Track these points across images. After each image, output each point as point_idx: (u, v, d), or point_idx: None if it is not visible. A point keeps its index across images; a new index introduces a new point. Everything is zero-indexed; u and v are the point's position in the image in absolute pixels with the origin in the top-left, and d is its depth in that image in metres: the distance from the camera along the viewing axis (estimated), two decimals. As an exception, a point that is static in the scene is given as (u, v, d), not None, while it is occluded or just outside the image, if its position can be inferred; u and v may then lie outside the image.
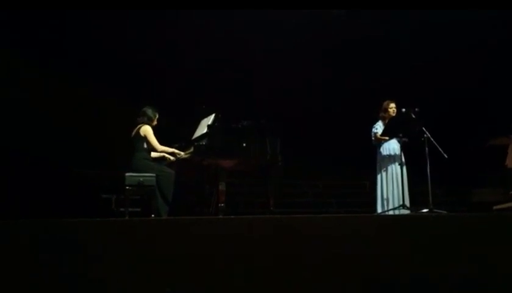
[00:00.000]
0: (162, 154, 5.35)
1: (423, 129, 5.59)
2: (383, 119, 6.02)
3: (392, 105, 6.01)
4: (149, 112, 5.37)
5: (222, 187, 5.13)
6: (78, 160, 6.75)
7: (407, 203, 5.65)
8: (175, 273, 2.85)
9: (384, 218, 4.91)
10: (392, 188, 5.83)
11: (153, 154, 5.34)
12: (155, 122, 5.39)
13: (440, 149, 5.50)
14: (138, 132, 5.27)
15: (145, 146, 5.25)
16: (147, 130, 5.25)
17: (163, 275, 2.84)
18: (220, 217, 4.90)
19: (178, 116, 6.63)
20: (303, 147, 8.09)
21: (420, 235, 3.17)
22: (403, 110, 5.69)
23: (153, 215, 4.96)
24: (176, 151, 5.38)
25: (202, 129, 5.38)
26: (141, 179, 4.97)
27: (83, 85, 7.27)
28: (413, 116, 5.63)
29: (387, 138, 5.92)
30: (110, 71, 7.41)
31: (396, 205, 5.70)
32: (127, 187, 4.93)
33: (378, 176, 5.97)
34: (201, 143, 5.16)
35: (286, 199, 7.75)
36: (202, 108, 5.67)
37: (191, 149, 5.22)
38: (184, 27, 7.83)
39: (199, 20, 7.79)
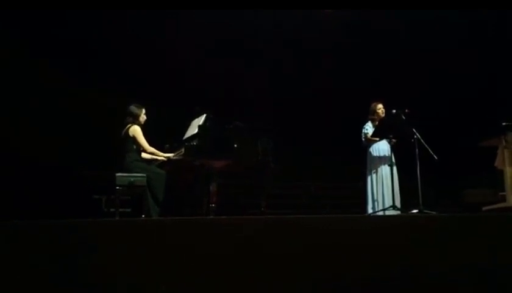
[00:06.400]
0: (153, 156, 5.33)
1: (414, 130, 5.61)
2: (373, 121, 6.04)
3: (380, 106, 6.04)
4: (133, 109, 5.30)
5: (213, 187, 5.13)
6: (70, 160, 6.71)
7: (397, 204, 5.67)
8: (166, 274, 2.84)
9: (378, 218, 4.93)
10: (382, 189, 5.85)
11: (144, 155, 5.30)
12: (142, 118, 5.31)
13: (430, 150, 5.52)
14: (126, 133, 5.22)
15: (135, 147, 5.21)
16: (135, 131, 5.20)
17: (153, 276, 2.83)
18: (212, 217, 4.89)
19: (173, 116, 6.61)
20: (296, 148, 8.09)
21: (410, 235, 3.18)
22: (394, 111, 5.71)
23: (144, 216, 4.95)
24: (166, 155, 5.35)
25: (193, 129, 5.37)
26: (132, 179, 4.95)
27: (81, 84, 7.24)
28: (403, 117, 5.65)
29: (377, 139, 5.94)
30: (107, 70, 7.37)
31: (386, 206, 5.71)
32: (118, 187, 4.90)
33: (369, 177, 5.99)
34: (192, 144, 5.15)
35: (279, 201, 7.74)
36: (195, 110, 5.66)
37: (182, 150, 5.21)
38: (183, 28, 7.81)
39: (198, 20, 7.77)
